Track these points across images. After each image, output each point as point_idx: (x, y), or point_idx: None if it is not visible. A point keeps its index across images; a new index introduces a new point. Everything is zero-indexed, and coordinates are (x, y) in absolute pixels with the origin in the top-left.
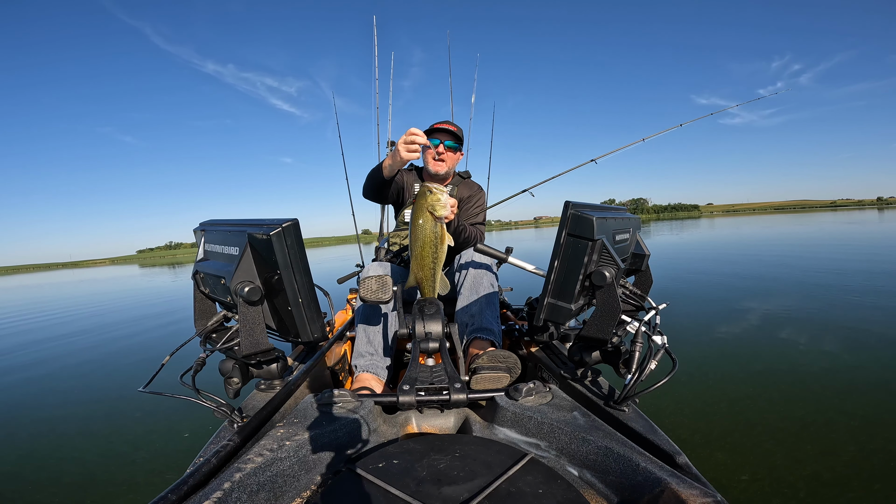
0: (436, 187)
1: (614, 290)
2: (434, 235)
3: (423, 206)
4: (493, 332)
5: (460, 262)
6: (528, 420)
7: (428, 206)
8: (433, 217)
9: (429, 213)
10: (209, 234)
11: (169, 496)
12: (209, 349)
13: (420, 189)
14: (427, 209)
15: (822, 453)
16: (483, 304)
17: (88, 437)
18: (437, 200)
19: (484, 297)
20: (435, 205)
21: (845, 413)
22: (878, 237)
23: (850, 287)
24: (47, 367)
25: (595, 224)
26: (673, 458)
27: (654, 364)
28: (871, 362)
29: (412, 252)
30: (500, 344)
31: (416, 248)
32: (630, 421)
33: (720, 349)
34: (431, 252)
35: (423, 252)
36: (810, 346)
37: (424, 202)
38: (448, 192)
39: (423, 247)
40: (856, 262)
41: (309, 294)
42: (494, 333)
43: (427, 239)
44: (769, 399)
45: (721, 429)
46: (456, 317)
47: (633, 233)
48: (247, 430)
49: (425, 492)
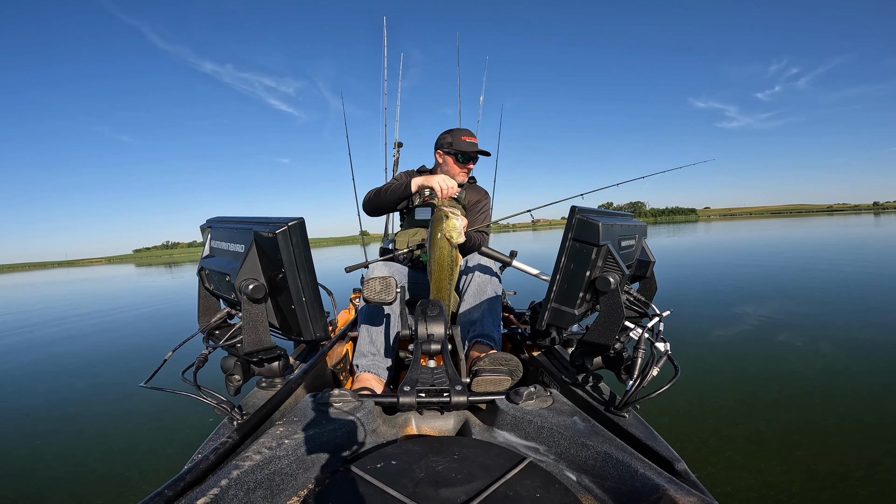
0: (452, 212)
1: (618, 297)
2: (451, 259)
3: (442, 232)
4: (493, 338)
5: (465, 265)
6: (527, 424)
7: (446, 233)
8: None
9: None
10: (215, 231)
11: (166, 492)
12: (212, 346)
13: (437, 214)
14: (445, 236)
15: (824, 462)
16: (485, 309)
17: (89, 431)
18: (454, 228)
19: (487, 303)
20: (452, 232)
21: (849, 420)
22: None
23: (854, 292)
24: (52, 361)
25: (601, 229)
26: (672, 465)
27: (656, 370)
28: (876, 369)
29: (430, 274)
30: (500, 350)
31: (434, 271)
32: (630, 427)
33: (723, 355)
34: (448, 274)
35: (441, 275)
36: (817, 351)
37: (442, 229)
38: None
39: (440, 269)
40: (860, 266)
41: (313, 293)
42: (495, 340)
43: (444, 262)
44: (771, 406)
45: (721, 436)
46: (458, 320)
47: (639, 239)
48: (246, 428)
49: (423, 493)
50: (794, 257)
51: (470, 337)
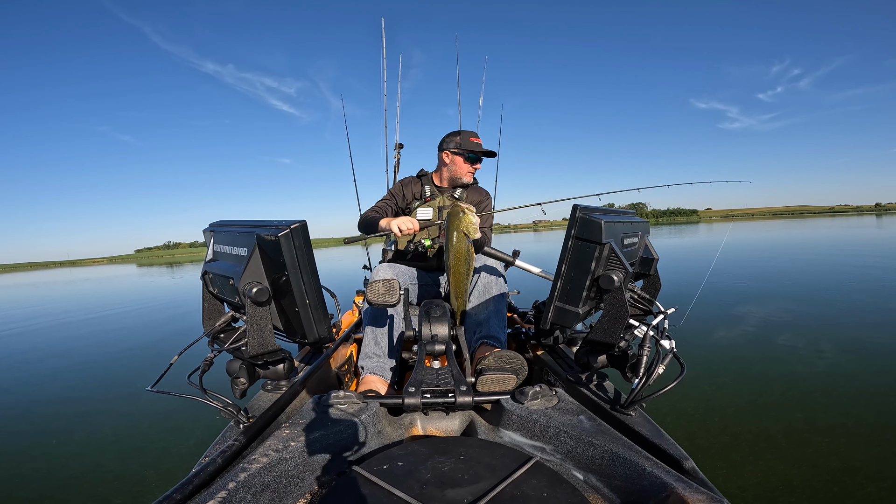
0: (468, 208)
1: (622, 294)
2: (468, 253)
3: (459, 228)
4: (499, 339)
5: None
6: (533, 423)
7: (464, 227)
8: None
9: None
10: (218, 234)
11: (174, 495)
12: (217, 349)
13: (453, 209)
14: (462, 231)
15: (833, 460)
16: (492, 311)
17: (96, 435)
18: (471, 223)
19: (493, 305)
20: (469, 227)
21: (857, 418)
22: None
23: (861, 292)
24: (57, 363)
25: (603, 227)
26: (680, 463)
27: (661, 368)
28: (883, 367)
29: (448, 268)
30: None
31: (453, 265)
32: (637, 425)
33: (730, 352)
34: (465, 269)
35: (458, 269)
36: (825, 350)
37: (459, 223)
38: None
39: (458, 263)
40: (868, 267)
41: (316, 295)
42: (501, 341)
43: (462, 256)
44: (779, 404)
45: (730, 433)
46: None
47: (642, 237)
48: (252, 431)
49: (429, 494)
50: (802, 257)
51: (476, 338)
